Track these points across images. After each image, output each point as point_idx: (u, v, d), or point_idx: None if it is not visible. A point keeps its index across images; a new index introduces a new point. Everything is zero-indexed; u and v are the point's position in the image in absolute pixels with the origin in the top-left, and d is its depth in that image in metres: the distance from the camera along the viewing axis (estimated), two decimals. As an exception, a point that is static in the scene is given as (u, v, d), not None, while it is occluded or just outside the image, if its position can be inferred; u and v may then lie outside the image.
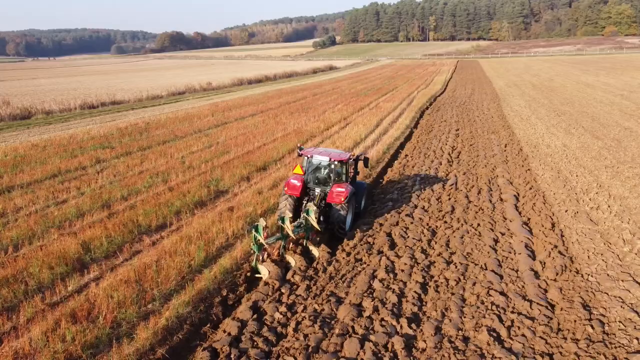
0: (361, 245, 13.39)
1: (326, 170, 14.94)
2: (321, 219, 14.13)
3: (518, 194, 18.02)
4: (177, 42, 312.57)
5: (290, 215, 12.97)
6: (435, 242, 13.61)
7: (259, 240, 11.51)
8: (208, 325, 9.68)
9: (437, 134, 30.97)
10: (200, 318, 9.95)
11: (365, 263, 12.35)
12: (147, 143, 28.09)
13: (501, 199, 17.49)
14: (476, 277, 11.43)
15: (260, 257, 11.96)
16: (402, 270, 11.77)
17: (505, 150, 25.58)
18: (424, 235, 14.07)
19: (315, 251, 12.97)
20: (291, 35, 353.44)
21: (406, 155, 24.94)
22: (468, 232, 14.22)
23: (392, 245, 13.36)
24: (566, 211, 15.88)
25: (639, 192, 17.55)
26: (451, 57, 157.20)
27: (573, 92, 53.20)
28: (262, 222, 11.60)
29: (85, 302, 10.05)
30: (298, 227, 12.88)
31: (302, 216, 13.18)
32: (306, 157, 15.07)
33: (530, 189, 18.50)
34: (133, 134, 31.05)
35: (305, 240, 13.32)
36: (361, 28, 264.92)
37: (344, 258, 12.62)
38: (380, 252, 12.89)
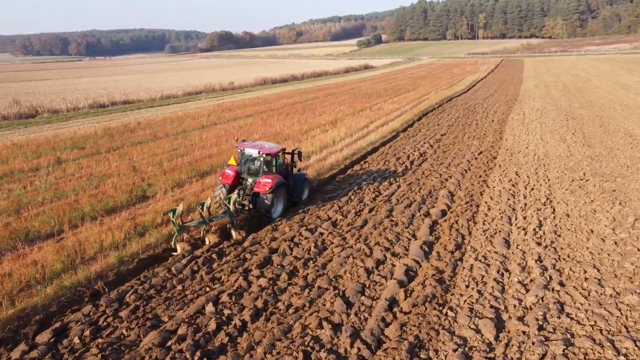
0: (233, 262, 12.51)
1: (258, 162, 16.15)
2: (251, 206, 15.67)
3: (448, 209, 16.52)
4: (226, 42, 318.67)
5: (210, 201, 14.42)
6: (314, 262, 12.52)
7: (178, 223, 13.15)
8: (2, 347, 9.15)
9: (418, 138, 29.38)
10: (3, 338, 9.43)
11: (220, 283, 11.49)
12: (120, 144, 28.23)
13: (427, 214, 16.05)
14: (323, 305, 10.32)
15: (180, 238, 13.51)
16: (250, 294, 10.83)
17: (475, 159, 23.78)
18: (308, 254, 12.99)
19: (234, 234, 14.38)
20: (339, 34, 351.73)
21: (366, 162, 23.67)
22: (359, 251, 13.00)
23: (265, 264, 12.39)
24: (486, 231, 14.35)
25: (589, 210, 15.72)
26: (496, 56, 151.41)
27: (602, 94, 49.62)
28: (180, 207, 13.29)
29: None
30: (224, 212, 14.67)
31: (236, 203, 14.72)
32: (239, 150, 16.45)
33: (467, 203, 16.93)
34: (115, 134, 31.34)
35: (229, 224, 14.55)
36: (408, 26, 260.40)
37: (202, 276, 11.80)
38: (246, 271, 11.98)
